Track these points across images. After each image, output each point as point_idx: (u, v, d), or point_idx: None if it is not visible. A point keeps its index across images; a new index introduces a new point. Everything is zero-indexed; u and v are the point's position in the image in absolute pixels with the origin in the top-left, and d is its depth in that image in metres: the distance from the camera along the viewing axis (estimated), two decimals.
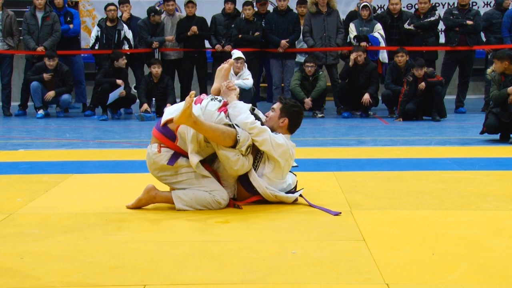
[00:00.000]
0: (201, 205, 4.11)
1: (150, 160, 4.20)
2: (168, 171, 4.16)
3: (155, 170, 4.21)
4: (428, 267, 2.96)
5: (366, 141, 7.83)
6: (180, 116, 3.94)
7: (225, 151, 4.06)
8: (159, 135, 4.20)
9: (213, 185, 4.16)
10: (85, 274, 2.92)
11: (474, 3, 13.54)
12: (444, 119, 9.94)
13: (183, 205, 4.12)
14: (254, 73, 10.79)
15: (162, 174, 4.20)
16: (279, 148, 4.19)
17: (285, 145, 4.23)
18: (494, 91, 7.51)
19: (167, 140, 4.17)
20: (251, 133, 4.13)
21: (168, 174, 4.17)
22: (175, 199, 4.14)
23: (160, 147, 4.15)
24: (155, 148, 4.16)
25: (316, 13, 11.04)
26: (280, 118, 4.33)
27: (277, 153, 4.18)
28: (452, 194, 4.54)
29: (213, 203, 4.12)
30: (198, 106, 4.16)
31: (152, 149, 4.18)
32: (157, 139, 4.20)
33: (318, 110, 10.73)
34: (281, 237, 3.52)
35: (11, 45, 11.23)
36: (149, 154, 4.20)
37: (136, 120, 10.44)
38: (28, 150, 7.11)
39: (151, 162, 4.19)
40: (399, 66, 10.37)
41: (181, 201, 4.13)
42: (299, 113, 4.44)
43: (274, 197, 4.23)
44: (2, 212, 4.10)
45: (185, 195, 4.13)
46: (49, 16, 11.22)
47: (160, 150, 4.14)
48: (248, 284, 2.79)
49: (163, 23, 11.33)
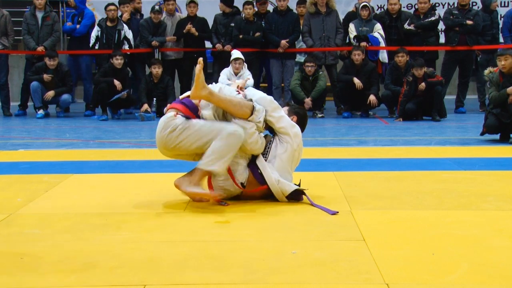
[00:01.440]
0: (227, 152, 4.07)
1: (161, 125, 4.16)
2: (176, 131, 4.11)
3: (163, 131, 4.14)
4: (428, 267, 2.96)
5: (366, 141, 7.83)
6: (195, 88, 4.05)
7: (241, 122, 4.16)
8: (180, 106, 4.20)
9: (216, 126, 4.13)
10: (85, 274, 2.92)
11: (474, 3, 13.55)
12: (444, 119, 9.94)
13: (214, 165, 4.08)
14: (254, 73, 10.80)
15: (170, 136, 4.12)
16: (293, 128, 4.37)
17: (298, 128, 4.42)
18: (493, 92, 7.51)
19: (187, 110, 4.18)
20: (271, 107, 4.28)
21: (177, 133, 4.11)
22: (205, 165, 4.09)
23: (177, 114, 4.16)
24: (171, 112, 4.17)
25: (315, 13, 11.05)
26: (290, 116, 4.49)
27: (292, 132, 4.34)
28: (452, 194, 4.54)
29: (232, 143, 4.08)
30: (214, 85, 4.31)
31: (167, 115, 4.17)
32: (176, 109, 4.20)
33: (318, 110, 10.73)
34: (281, 237, 3.52)
35: (6, 45, 11.22)
36: (162, 120, 4.17)
37: (136, 120, 10.44)
38: (28, 150, 7.11)
39: (162, 126, 4.15)
40: (399, 66, 10.38)
41: (210, 163, 4.08)
42: (305, 114, 4.78)
43: (279, 188, 4.23)
44: (2, 212, 4.10)
45: (207, 157, 4.08)
46: (49, 16, 11.23)
47: (176, 115, 4.15)
48: (248, 284, 2.78)
49: (165, 24, 11.34)
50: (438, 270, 2.92)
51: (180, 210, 4.17)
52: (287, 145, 4.34)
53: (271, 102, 4.35)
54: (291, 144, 4.34)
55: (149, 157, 6.48)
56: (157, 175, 5.36)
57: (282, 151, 4.33)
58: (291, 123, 4.39)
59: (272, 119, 4.30)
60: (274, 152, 4.31)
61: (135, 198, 4.48)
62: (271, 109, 4.30)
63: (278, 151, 4.31)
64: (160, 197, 4.49)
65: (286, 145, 4.34)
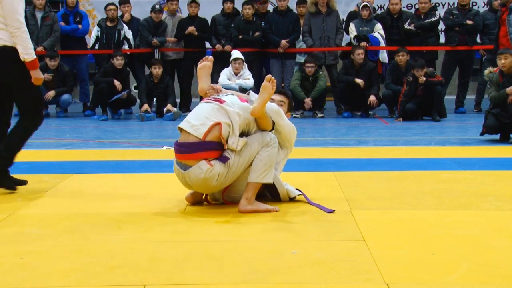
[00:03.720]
0: (268, 165, 4.05)
1: (199, 180, 3.98)
2: (222, 177, 4.00)
3: (208, 183, 3.99)
4: (428, 267, 2.96)
5: (366, 141, 7.83)
6: (261, 107, 4.02)
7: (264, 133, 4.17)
8: (206, 153, 3.98)
9: (255, 143, 4.07)
10: (85, 274, 2.92)
11: (474, 3, 13.55)
12: (444, 119, 9.94)
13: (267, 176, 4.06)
14: (254, 73, 10.80)
15: (218, 184, 4.02)
16: (294, 132, 4.41)
17: (294, 128, 4.44)
18: (493, 92, 7.50)
19: (215, 152, 4.01)
20: (277, 114, 4.26)
21: (223, 178, 4.01)
22: (259, 179, 4.04)
23: (209, 162, 3.98)
24: (205, 165, 3.95)
25: (316, 13, 11.04)
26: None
27: (292, 136, 4.40)
28: (452, 194, 4.54)
29: (273, 151, 4.08)
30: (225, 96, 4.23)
31: (201, 169, 3.95)
32: (199, 158, 3.97)
33: (318, 110, 10.73)
34: (281, 237, 3.52)
35: None
36: (196, 176, 3.96)
37: (136, 120, 10.44)
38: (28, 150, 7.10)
39: (202, 181, 3.98)
40: (400, 66, 10.37)
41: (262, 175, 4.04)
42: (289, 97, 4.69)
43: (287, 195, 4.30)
44: (2, 212, 4.10)
45: (257, 171, 4.03)
46: (48, 16, 11.23)
47: (211, 164, 3.97)
48: (248, 284, 2.78)
49: (165, 24, 11.33)
50: (438, 270, 2.92)
51: (180, 210, 4.17)
52: (287, 150, 4.43)
53: (279, 111, 4.31)
54: (290, 149, 4.45)
55: (149, 157, 6.48)
56: (157, 175, 5.36)
57: (283, 156, 4.41)
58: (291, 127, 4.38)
59: (279, 127, 4.30)
60: (277, 159, 4.29)
61: (135, 198, 4.48)
62: (280, 118, 4.29)
63: (279, 158, 4.34)
64: (160, 197, 4.49)
65: (286, 150, 4.43)
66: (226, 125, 4.00)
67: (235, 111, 4.05)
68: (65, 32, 11.64)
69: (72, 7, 11.62)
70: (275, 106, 4.33)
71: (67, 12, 11.61)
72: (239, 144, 3.99)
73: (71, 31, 11.45)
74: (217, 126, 3.99)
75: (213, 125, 3.99)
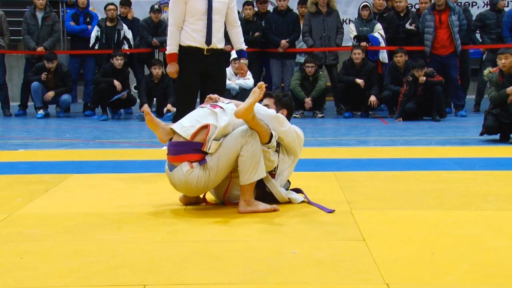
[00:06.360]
0: (255, 162, 3.99)
1: (181, 182, 4.01)
2: (202, 180, 3.99)
3: (189, 186, 4.01)
4: (428, 267, 2.96)
5: (366, 141, 7.83)
6: (246, 110, 3.89)
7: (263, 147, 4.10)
8: (187, 156, 4.00)
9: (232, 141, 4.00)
10: (85, 274, 2.92)
11: (474, 3, 13.55)
12: (444, 119, 9.94)
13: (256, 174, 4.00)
14: (254, 73, 10.80)
15: (199, 186, 4.02)
16: (299, 138, 4.35)
17: (301, 133, 4.40)
18: (493, 92, 7.50)
19: (196, 155, 4.00)
20: (278, 123, 4.19)
21: (204, 182, 3.99)
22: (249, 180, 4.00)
23: (190, 163, 3.99)
24: (186, 166, 3.98)
25: (316, 13, 11.05)
26: (278, 112, 4.36)
27: (298, 143, 4.34)
28: (452, 194, 4.54)
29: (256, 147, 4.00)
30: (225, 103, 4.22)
31: (182, 170, 3.98)
32: (183, 160, 4.00)
33: (318, 110, 10.73)
34: (281, 237, 3.52)
35: (2, 45, 11.22)
36: (179, 177, 4.00)
37: (136, 120, 10.44)
38: (28, 150, 7.11)
39: (184, 184, 4.01)
40: (398, 67, 10.37)
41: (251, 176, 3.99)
42: (291, 99, 4.66)
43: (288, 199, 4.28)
44: (2, 212, 4.10)
45: (245, 172, 3.98)
46: (49, 16, 11.24)
47: (192, 166, 3.98)
48: (248, 284, 2.78)
49: (165, 24, 11.33)
50: (438, 270, 2.92)
51: (179, 210, 4.17)
52: (294, 157, 4.39)
53: (277, 117, 4.22)
54: (297, 156, 4.40)
55: (149, 157, 6.48)
56: (157, 175, 5.35)
57: (289, 163, 4.36)
58: (295, 133, 4.31)
59: (281, 135, 4.23)
60: (282, 167, 4.30)
61: (135, 198, 4.48)
62: (279, 125, 4.20)
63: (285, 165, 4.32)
64: (160, 197, 4.49)
65: (292, 157, 4.38)
66: (214, 128, 4.02)
67: (225, 118, 4.04)
68: (74, 32, 11.66)
69: (83, 8, 11.65)
70: (273, 111, 4.26)
71: (78, 12, 11.66)
72: (211, 146, 3.97)
73: (80, 31, 11.47)
74: (205, 128, 4.01)
75: (202, 127, 4.02)
